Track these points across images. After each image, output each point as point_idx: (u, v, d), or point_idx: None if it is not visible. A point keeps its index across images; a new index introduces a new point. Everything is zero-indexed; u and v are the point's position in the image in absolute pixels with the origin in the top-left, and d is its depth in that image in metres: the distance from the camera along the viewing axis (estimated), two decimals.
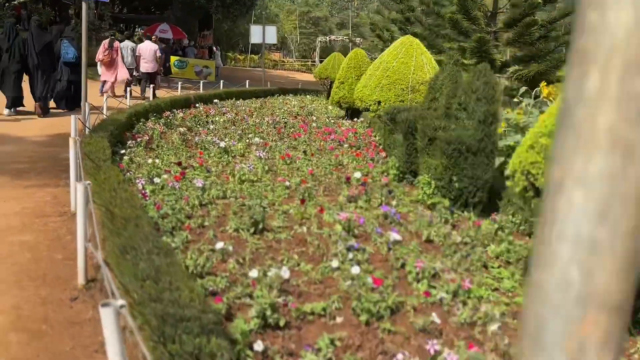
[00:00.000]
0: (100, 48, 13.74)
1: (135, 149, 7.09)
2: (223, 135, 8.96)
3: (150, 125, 8.71)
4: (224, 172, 6.18)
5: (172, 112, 11.33)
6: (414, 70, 7.73)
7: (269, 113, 13.13)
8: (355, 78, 13.08)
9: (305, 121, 11.72)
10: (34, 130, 8.79)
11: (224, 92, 15.43)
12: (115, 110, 9.34)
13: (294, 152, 7.91)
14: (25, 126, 9.05)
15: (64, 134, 8.62)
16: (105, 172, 4.54)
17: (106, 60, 13.55)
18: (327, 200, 5.23)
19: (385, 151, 6.73)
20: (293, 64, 46.67)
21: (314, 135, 9.85)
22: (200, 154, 7.00)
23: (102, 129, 6.91)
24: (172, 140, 8.17)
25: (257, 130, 9.67)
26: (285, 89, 20.12)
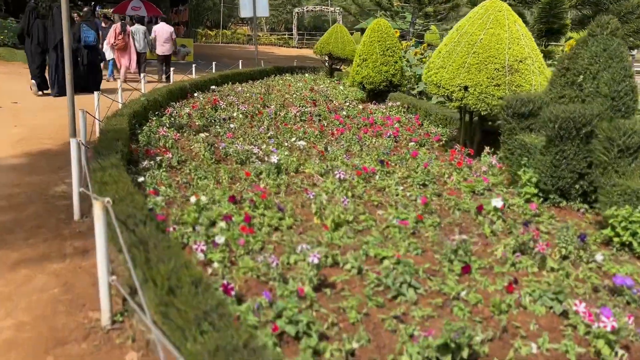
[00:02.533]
0: (110, 32, 13.81)
1: (156, 171, 5.15)
2: (252, 137, 7.03)
3: (160, 132, 6.72)
4: (301, 208, 4.32)
5: (172, 107, 9.31)
6: (509, 44, 5.90)
7: (281, 100, 11.18)
8: (380, 54, 11.21)
9: (331, 109, 9.83)
10: (6, 143, 6.71)
11: (219, 76, 13.34)
12: (112, 105, 7.31)
13: (358, 159, 6.07)
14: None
15: (48, 151, 6.58)
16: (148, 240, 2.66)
17: (121, 45, 13.78)
18: (481, 257, 3.44)
19: (507, 159, 4.93)
20: (269, 38, 44.16)
21: (356, 129, 8.00)
22: (246, 174, 5.09)
23: (106, 146, 4.94)
24: (194, 151, 6.22)
25: (286, 127, 7.75)
26: (280, 68, 18.04)
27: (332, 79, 16.52)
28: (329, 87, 14.25)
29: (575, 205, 4.44)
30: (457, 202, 4.44)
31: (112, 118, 6.50)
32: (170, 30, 14.96)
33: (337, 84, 15.35)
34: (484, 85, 5.87)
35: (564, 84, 4.79)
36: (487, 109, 5.93)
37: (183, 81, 11.52)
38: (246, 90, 12.27)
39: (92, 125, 6.49)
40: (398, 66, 11.29)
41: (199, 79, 12.42)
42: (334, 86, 14.72)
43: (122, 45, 13.75)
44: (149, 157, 5.55)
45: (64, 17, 5.50)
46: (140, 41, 14.60)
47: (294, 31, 43.05)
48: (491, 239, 3.78)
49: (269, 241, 3.61)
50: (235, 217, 3.88)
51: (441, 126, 8.34)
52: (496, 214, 4.08)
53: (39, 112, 9.17)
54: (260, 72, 16.47)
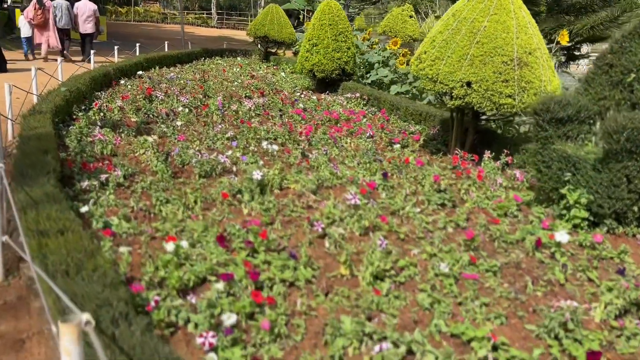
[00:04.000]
0: (29, 7, 12.86)
1: (100, 193, 3.90)
2: (209, 140, 5.83)
3: (97, 135, 5.37)
4: (310, 247, 3.28)
5: (98, 98, 7.84)
6: (517, 33, 5.12)
7: (222, 88, 9.92)
8: (332, 39, 10.20)
9: (285, 100, 8.74)
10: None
11: (144, 60, 11.79)
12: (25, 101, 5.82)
13: (342, 166, 5.08)
14: None
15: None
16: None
17: (39, 21, 12.77)
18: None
19: (540, 172, 4.14)
20: (187, 17, 41.65)
21: (326, 127, 7.00)
22: (224, 196, 3.96)
23: (32, 162, 3.62)
24: (141, 161, 4.95)
25: (246, 125, 6.60)
26: (209, 50, 16.54)
27: (268, 64, 15.31)
28: (269, 74, 13.08)
29: (630, 230, 3.73)
30: (500, 231, 3.59)
31: (31, 117, 5.08)
32: (93, 8, 14.01)
33: (275, 70, 14.19)
34: (491, 81, 5.06)
35: (605, 84, 4.06)
36: (493, 109, 5.14)
37: (105, 65, 9.94)
38: (179, 76, 10.85)
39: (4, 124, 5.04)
40: (351, 53, 10.35)
41: (123, 62, 10.84)
42: (274, 72, 13.56)
43: (40, 22, 12.81)
44: (87, 172, 4.25)
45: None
46: (63, 17, 13.43)
47: (213, 10, 40.85)
48: (569, 288, 2.95)
49: (295, 312, 2.57)
50: (235, 271, 2.79)
51: (413, 122, 7.52)
52: (559, 250, 3.26)
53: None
54: (189, 55, 14.97)
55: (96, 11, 14.14)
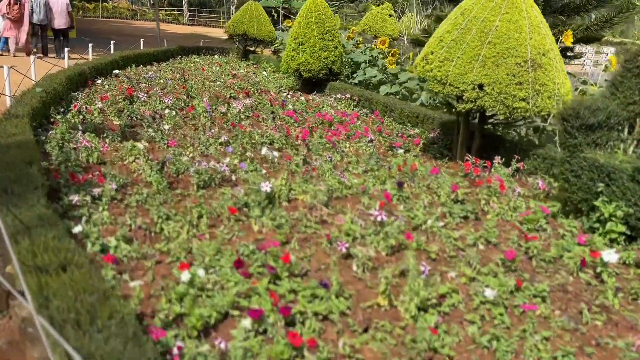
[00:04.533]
0: (3, 2, 12.55)
1: (94, 210, 3.49)
2: (202, 145, 5.43)
3: (82, 142, 4.92)
4: (334, 270, 2.95)
5: (75, 98, 7.35)
6: (530, 33, 4.89)
7: (204, 87, 9.52)
8: (319, 38, 9.86)
9: (273, 101, 8.37)
10: None
11: (120, 58, 11.24)
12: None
13: (348, 173, 4.76)
14: None
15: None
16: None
17: (15, 16, 12.54)
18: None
19: (568, 182, 3.89)
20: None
21: (321, 129, 6.67)
22: (231, 211, 3.59)
23: (16, 175, 3.20)
24: (132, 169, 4.54)
25: (239, 129, 6.21)
26: (185, 48, 15.99)
27: (248, 62, 14.87)
28: (250, 72, 12.67)
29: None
30: (537, 248, 3.32)
31: (7, 122, 4.61)
32: (66, 2, 13.73)
33: (256, 69, 13.78)
34: (504, 84, 4.81)
35: (635, 88, 3.84)
36: (506, 113, 4.89)
37: (80, 64, 9.38)
38: (158, 75, 10.36)
39: None
40: (338, 52, 10.04)
41: (99, 61, 10.27)
42: (254, 71, 13.15)
43: (17, 17, 12.57)
44: (75, 185, 3.82)
45: None
46: (40, 12, 13.10)
47: (184, 7, 40.00)
48: (628, 315, 2.69)
49: (337, 355, 2.24)
50: (261, 303, 2.44)
51: (410, 125, 7.24)
52: (605, 270, 3.01)
53: None
54: (165, 53, 14.41)
55: (69, 5, 13.85)
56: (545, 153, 5.03)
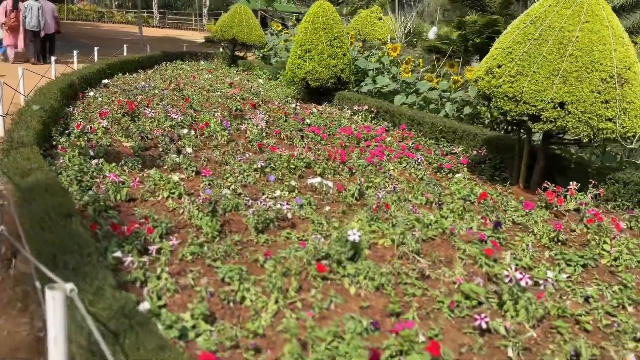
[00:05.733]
0: (0, 10, 12.49)
1: (151, 275, 2.77)
2: (240, 174, 4.73)
3: (109, 176, 4.17)
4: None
5: (72, 115, 6.53)
6: (614, 44, 4.37)
7: (203, 98, 8.78)
8: (327, 44, 9.23)
9: (289, 116, 7.70)
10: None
11: (106, 66, 10.36)
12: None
13: (424, 208, 4.15)
14: None
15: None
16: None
17: (12, 24, 12.42)
18: None
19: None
20: (125, 16, 39.39)
21: (347, 146, 6.05)
22: (320, 269, 2.93)
23: (50, 229, 2.48)
24: (171, 208, 3.82)
25: (262, 148, 5.54)
26: (169, 54, 15.11)
27: (237, 69, 14.12)
28: (243, 80, 11.93)
29: None
30: None
31: (16, 153, 3.83)
32: (53, 7, 13.45)
33: (247, 75, 13.05)
34: (588, 102, 4.28)
35: None
36: (590, 134, 4.37)
37: (68, 75, 8.51)
38: (153, 85, 9.54)
39: None
40: (347, 59, 9.44)
41: (86, 70, 9.38)
42: (248, 79, 12.42)
43: (14, 25, 12.45)
44: (117, 236, 3.09)
45: None
46: (33, 18, 12.72)
47: (154, 9, 38.71)
48: None
49: None
50: None
51: (444, 140, 6.68)
52: None
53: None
54: (149, 59, 13.54)
55: (55, 10, 13.49)
56: (627, 177, 4.53)
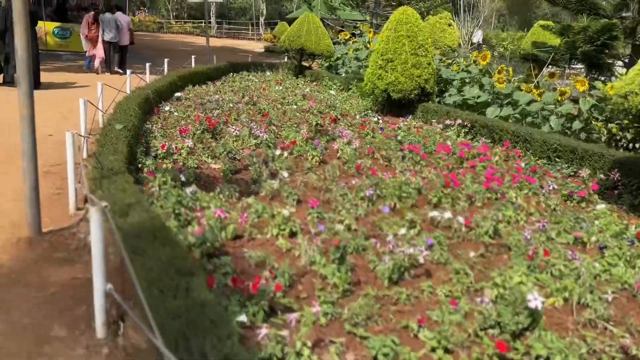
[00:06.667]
0: (83, 23, 13.04)
1: (287, 346, 2.21)
2: (345, 201, 4.14)
3: (216, 212, 3.68)
4: None
5: (151, 133, 6.15)
6: None
7: (279, 111, 8.32)
8: (411, 53, 8.59)
9: (373, 129, 7.10)
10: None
11: (178, 78, 10.07)
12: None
13: (576, 249, 3.45)
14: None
15: None
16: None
17: (93, 36, 12.90)
18: None
19: None
20: (184, 26, 39.94)
21: (455, 169, 5.38)
22: (501, 348, 2.29)
23: (170, 289, 1.96)
24: (283, 248, 3.27)
25: (362, 171, 4.96)
26: (235, 65, 14.82)
27: (305, 79, 13.65)
28: (314, 92, 11.42)
29: None
30: None
31: (109, 183, 3.37)
32: (128, 20, 14.04)
33: (317, 87, 12.55)
34: None
35: None
36: None
37: (142, 88, 8.20)
38: (228, 98, 9.15)
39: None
40: (432, 69, 8.76)
41: (159, 83, 9.08)
42: (318, 90, 11.91)
43: (95, 37, 12.92)
44: (239, 293, 2.55)
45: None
46: (112, 30, 13.11)
47: (212, 19, 39.05)
48: None
49: None
50: None
51: (560, 161, 5.90)
52: None
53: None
54: (217, 70, 13.25)
55: (130, 23, 13.90)
56: None
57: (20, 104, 2.95)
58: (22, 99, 2.93)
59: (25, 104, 2.93)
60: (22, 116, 2.97)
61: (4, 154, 5.10)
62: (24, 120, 2.98)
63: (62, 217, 3.58)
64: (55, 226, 3.40)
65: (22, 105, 2.94)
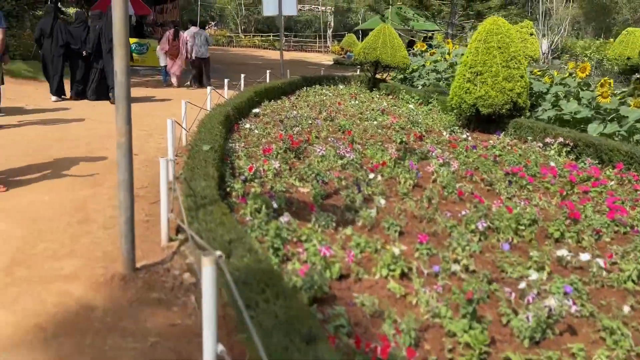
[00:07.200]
0: (163, 39, 13.47)
1: None
2: (458, 238, 3.70)
3: (281, 228, 3.36)
4: None
5: (235, 152, 5.93)
6: None
7: (358, 127, 7.96)
8: (502, 65, 8.03)
9: (467, 148, 6.60)
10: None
11: (255, 94, 9.92)
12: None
13: None
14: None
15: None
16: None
17: (173, 52, 13.26)
18: None
19: None
20: (252, 40, 40.58)
21: (561, 196, 4.81)
22: None
23: None
24: (396, 294, 2.88)
25: (467, 199, 4.50)
26: (307, 78, 14.63)
27: (380, 93, 13.26)
28: (391, 106, 11.01)
29: None
30: None
31: (204, 214, 3.10)
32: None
33: (393, 100, 12.13)
34: None
35: None
36: None
37: (222, 105, 8.07)
38: (302, 113, 8.90)
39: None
40: (524, 82, 8.15)
41: (237, 100, 8.93)
42: (394, 103, 11.49)
43: (175, 52, 13.30)
44: (359, 354, 2.18)
45: (121, 18, 2.20)
46: (202, 47, 13.43)
47: (281, 32, 39.38)
48: None
49: None
50: None
51: None
52: None
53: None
54: (290, 85, 13.08)
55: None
56: None
57: (117, 130, 2.72)
58: (120, 125, 2.69)
59: (122, 131, 2.70)
60: (118, 144, 2.74)
61: (92, 175, 5.00)
62: (121, 149, 2.74)
63: (153, 248, 3.35)
64: (148, 260, 3.16)
65: (119, 133, 2.71)
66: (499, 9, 16.98)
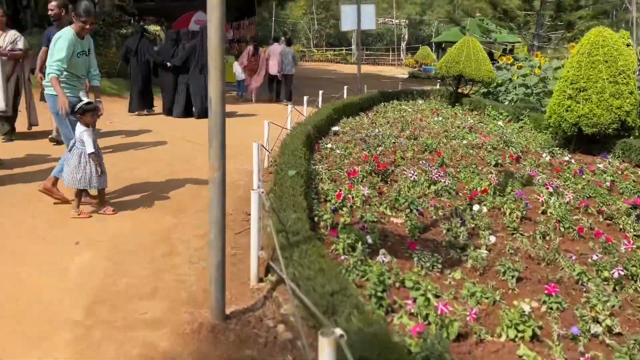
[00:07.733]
0: (243, 54, 13.73)
1: None
2: (603, 295, 3.15)
3: (381, 267, 2.92)
4: None
5: (318, 174, 5.59)
6: None
7: (447, 149, 7.40)
8: (609, 81, 7.27)
9: (575, 172, 5.94)
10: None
11: (333, 111, 9.59)
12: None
13: None
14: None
15: None
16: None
17: (253, 67, 13.41)
18: None
19: None
20: (325, 54, 40.68)
21: None
22: None
23: None
24: None
25: (587, 236, 3.90)
26: (385, 94, 14.18)
27: (463, 108, 12.61)
28: (477, 123, 10.36)
29: None
30: None
31: (298, 256, 2.74)
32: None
33: (478, 116, 11.47)
34: None
35: None
36: None
37: (302, 124, 7.79)
38: (383, 131, 8.47)
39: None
40: (635, 99, 7.35)
41: (316, 118, 8.63)
42: (480, 120, 10.84)
43: (254, 67, 13.43)
44: None
45: (217, 37, 1.82)
46: (289, 64, 13.56)
47: (353, 46, 39.31)
48: None
49: None
50: None
51: None
52: None
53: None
54: (367, 101, 12.68)
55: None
56: None
57: (210, 166, 2.42)
58: (213, 160, 2.39)
59: (215, 165, 2.39)
60: (211, 180, 2.44)
61: (175, 200, 4.81)
62: (214, 185, 2.44)
63: (243, 290, 3.03)
64: (238, 305, 2.83)
65: (212, 168, 2.40)
66: (591, 19, 15.86)
